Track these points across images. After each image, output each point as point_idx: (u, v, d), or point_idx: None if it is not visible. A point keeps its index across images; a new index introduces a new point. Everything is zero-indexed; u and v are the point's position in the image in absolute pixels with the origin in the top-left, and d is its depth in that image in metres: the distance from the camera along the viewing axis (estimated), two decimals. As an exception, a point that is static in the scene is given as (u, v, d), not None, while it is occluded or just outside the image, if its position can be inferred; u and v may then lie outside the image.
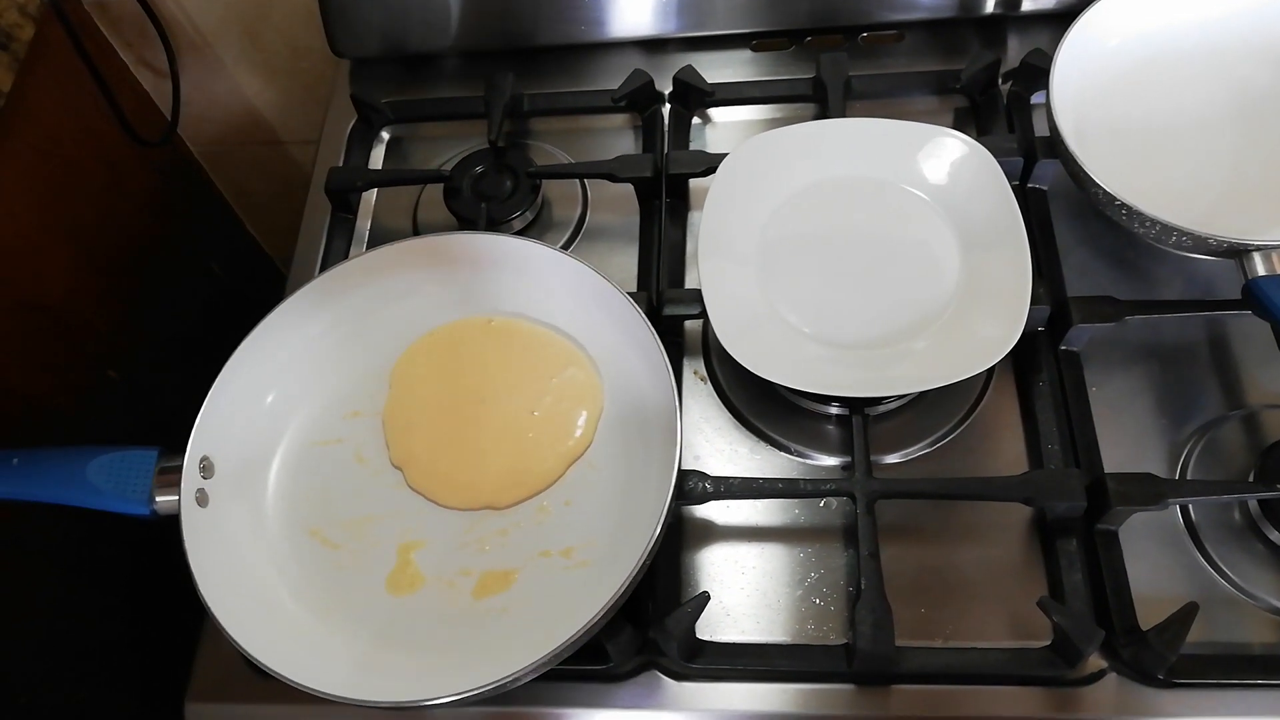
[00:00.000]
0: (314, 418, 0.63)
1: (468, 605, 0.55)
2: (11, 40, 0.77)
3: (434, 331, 0.64)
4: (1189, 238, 0.58)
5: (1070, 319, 0.61)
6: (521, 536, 0.57)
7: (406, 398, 0.63)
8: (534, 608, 0.54)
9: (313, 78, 0.97)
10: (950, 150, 0.65)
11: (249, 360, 0.60)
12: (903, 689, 0.54)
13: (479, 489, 0.59)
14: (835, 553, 0.59)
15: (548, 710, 0.56)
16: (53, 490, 0.54)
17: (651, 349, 0.57)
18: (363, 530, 0.59)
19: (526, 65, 0.80)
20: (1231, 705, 0.52)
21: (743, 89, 0.77)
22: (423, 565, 0.57)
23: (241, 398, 0.60)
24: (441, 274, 0.64)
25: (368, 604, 0.56)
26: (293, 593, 0.56)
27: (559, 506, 0.58)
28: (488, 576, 0.56)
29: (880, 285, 0.64)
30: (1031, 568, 0.57)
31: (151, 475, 0.55)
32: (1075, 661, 0.52)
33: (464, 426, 0.61)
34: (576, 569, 0.55)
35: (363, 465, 0.61)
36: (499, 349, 0.63)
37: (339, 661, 0.53)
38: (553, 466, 0.59)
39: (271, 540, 0.58)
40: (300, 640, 0.54)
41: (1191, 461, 0.59)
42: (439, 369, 0.63)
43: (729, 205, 0.65)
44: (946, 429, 0.62)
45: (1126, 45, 0.68)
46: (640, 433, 0.58)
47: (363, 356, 0.64)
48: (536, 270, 0.63)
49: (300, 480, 0.61)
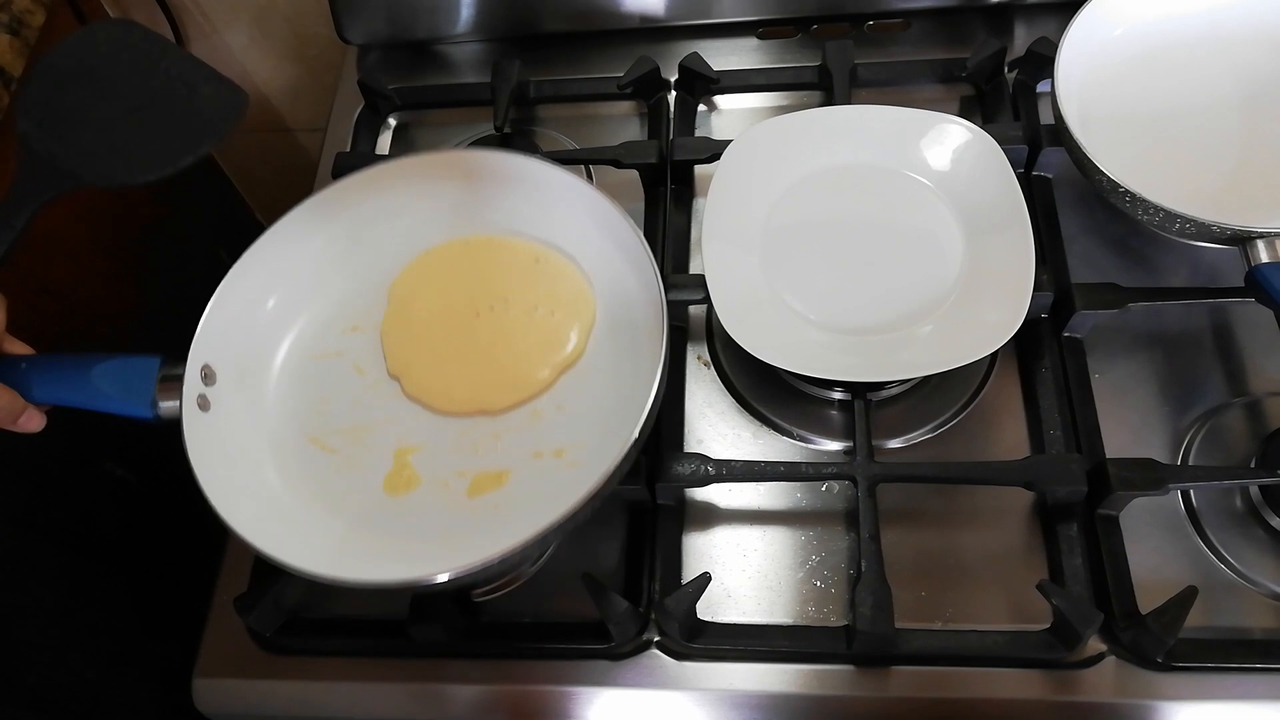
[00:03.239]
0: (313, 332, 0.64)
1: (462, 503, 0.56)
2: (23, 26, 0.78)
3: (431, 249, 0.66)
4: (1192, 224, 0.58)
5: (1073, 305, 0.61)
6: (514, 439, 0.58)
7: (405, 311, 0.64)
8: (526, 504, 0.55)
9: (320, 65, 0.98)
10: (953, 136, 0.66)
11: (250, 270, 0.61)
12: (902, 670, 0.54)
13: (474, 395, 0.60)
14: (837, 536, 0.59)
15: (550, 688, 0.56)
16: (59, 393, 0.54)
17: (640, 257, 0.57)
18: (360, 436, 0.60)
19: (533, 52, 0.80)
20: (1230, 689, 0.52)
21: (748, 76, 0.77)
22: (419, 467, 0.58)
23: (242, 307, 0.61)
24: (440, 190, 0.65)
25: (365, 502, 0.57)
26: (293, 492, 0.58)
27: (551, 410, 0.59)
28: (482, 476, 0.57)
29: (884, 271, 0.64)
30: (1032, 552, 0.57)
31: (154, 381, 0.55)
32: (1074, 644, 0.52)
33: (460, 337, 0.62)
34: (568, 469, 0.56)
35: (361, 376, 0.62)
36: (495, 264, 0.65)
37: (331, 550, 0.55)
38: (546, 374, 0.60)
39: (271, 447, 0.60)
40: (300, 530, 0.55)
41: (1194, 448, 0.59)
42: (437, 284, 0.65)
43: (733, 191, 0.65)
44: (949, 414, 0.62)
45: (1131, 33, 0.68)
46: (630, 340, 0.59)
47: (362, 272, 0.65)
48: (532, 185, 0.63)
49: (300, 391, 0.62)
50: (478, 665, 0.57)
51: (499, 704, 0.57)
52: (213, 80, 0.55)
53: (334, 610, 0.61)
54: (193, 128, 0.53)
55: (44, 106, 0.53)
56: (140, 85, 0.54)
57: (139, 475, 0.86)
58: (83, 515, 0.82)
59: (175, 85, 0.54)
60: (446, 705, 0.58)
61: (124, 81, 0.54)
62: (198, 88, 0.54)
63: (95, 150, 0.52)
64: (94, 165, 0.52)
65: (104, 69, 0.54)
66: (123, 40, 0.55)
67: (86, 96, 0.53)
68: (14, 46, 0.76)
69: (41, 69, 0.53)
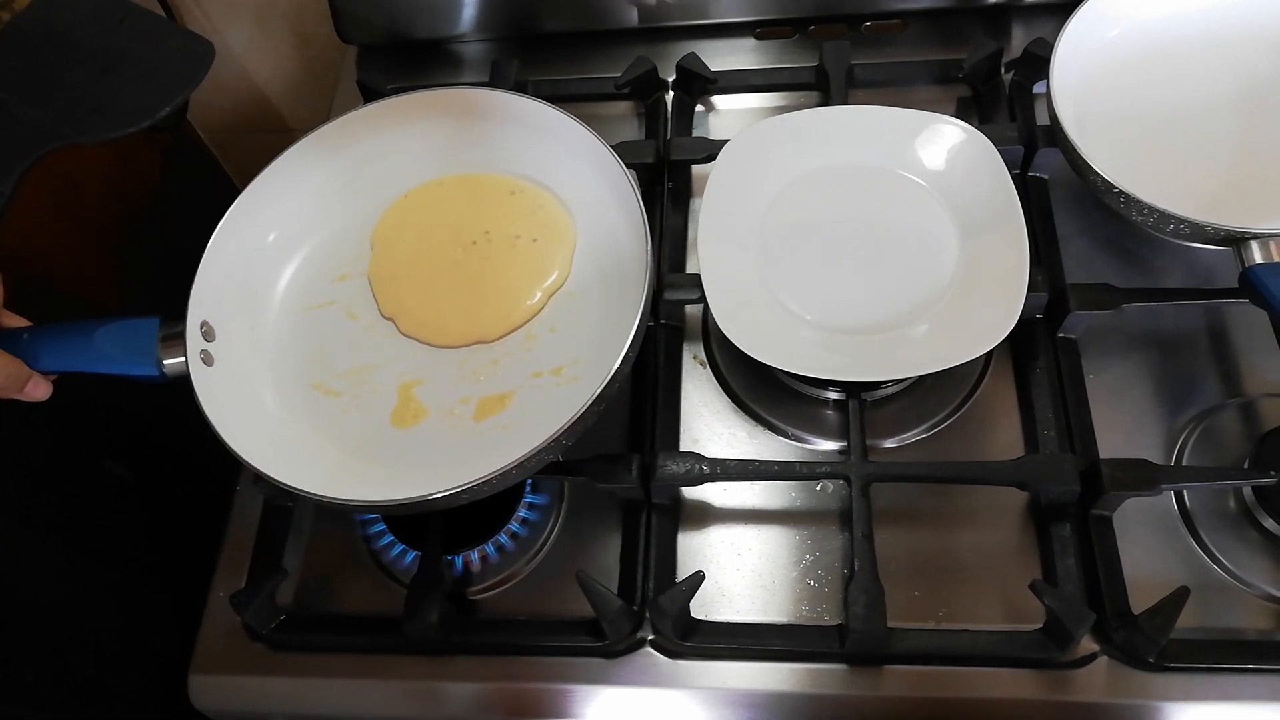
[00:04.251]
0: (304, 284, 0.66)
1: (470, 428, 0.59)
2: (23, 24, 0.78)
3: (407, 194, 0.68)
4: (1187, 225, 0.58)
5: (1068, 306, 0.61)
6: (513, 363, 0.61)
7: (390, 255, 0.66)
8: (532, 421, 0.57)
9: (321, 65, 0.98)
10: (947, 136, 0.66)
11: (243, 216, 0.62)
12: (895, 669, 0.54)
13: (469, 326, 0.62)
14: (831, 535, 0.59)
15: (544, 686, 0.56)
16: (64, 359, 0.54)
17: (620, 180, 0.59)
18: (362, 378, 0.62)
19: (531, 52, 0.81)
20: (1222, 690, 0.52)
21: (746, 77, 0.78)
22: (424, 399, 0.60)
23: (236, 255, 0.62)
24: (420, 130, 0.67)
25: (376, 438, 0.59)
26: (304, 433, 0.60)
27: (545, 333, 0.61)
28: (486, 401, 0.59)
29: (879, 271, 0.64)
30: (1026, 552, 0.57)
31: (156, 340, 0.56)
32: (1066, 644, 0.52)
33: (448, 272, 0.64)
34: (568, 384, 0.59)
35: (355, 321, 0.64)
36: (472, 200, 0.67)
37: (358, 481, 0.57)
38: (536, 298, 0.62)
39: (278, 393, 0.61)
40: (319, 465, 0.57)
41: (1188, 449, 0.59)
42: (417, 225, 0.66)
43: (729, 191, 0.66)
44: (944, 415, 0.62)
45: (1127, 34, 0.68)
46: (616, 262, 0.62)
47: (344, 220, 0.67)
48: (503, 118, 0.66)
49: (297, 341, 0.64)
50: (473, 662, 0.57)
51: (494, 701, 0.57)
52: (177, 34, 0.56)
53: (330, 607, 0.61)
54: (165, 79, 0.55)
55: (15, 72, 0.54)
56: (107, 44, 0.55)
57: (137, 472, 0.86)
58: (80, 512, 0.82)
59: (141, 41, 0.56)
60: (441, 702, 0.58)
61: (91, 42, 0.55)
62: (163, 41, 0.56)
63: (73, 110, 0.53)
64: (74, 124, 0.53)
65: (69, 32, 0.55)
66: (83, 3, 0.56)
67: (56, 60, 0.54)
68: (14, 45, 0.77)
69: (6, 35, 0.55)
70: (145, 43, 0.56)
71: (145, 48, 0.55)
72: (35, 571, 0.78)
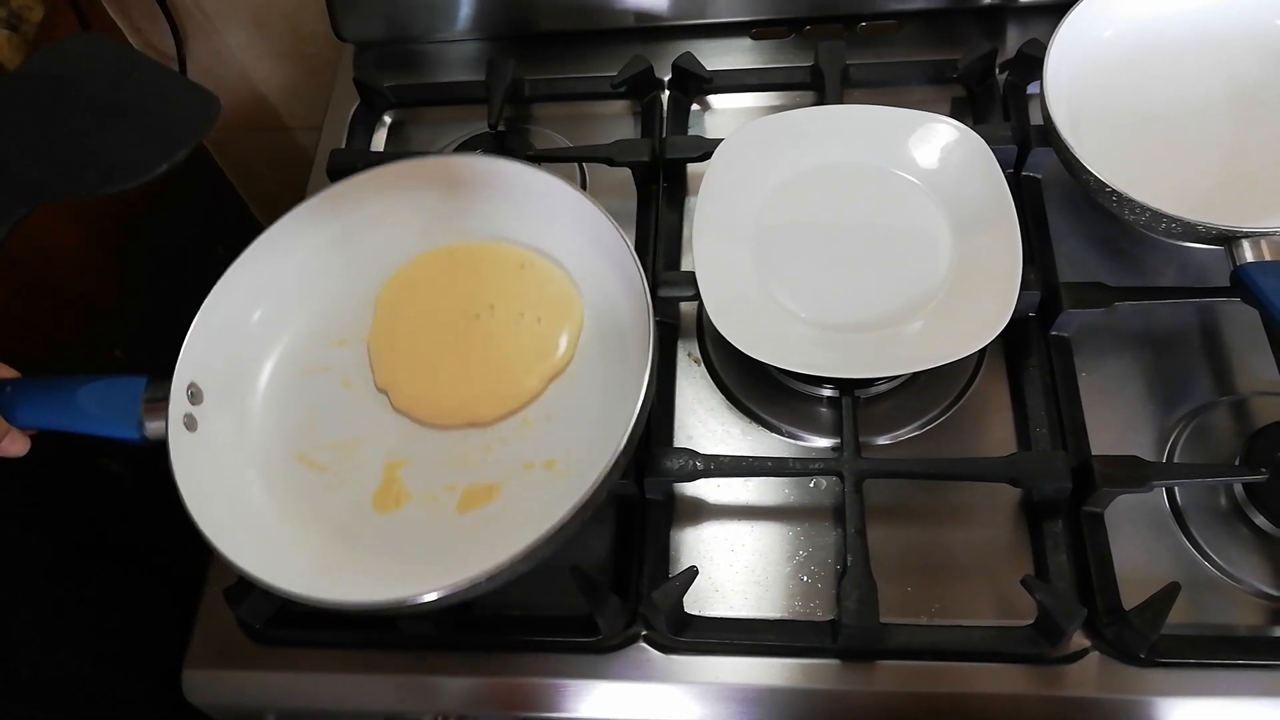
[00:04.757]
0: (300, 347, 0.63)
1: (452, 519, 0.56)
2: (21, 21, 0.78)
3: (416, 258, 0.65)
4: (1178, 224, 0.58)
5: (1061, 304, 0.61)
6: (505, 451, 0.58)
7: (391, 322, 0.64)
8: (518, 518, 0.55)
9: (318, 63, 0.98)
10: (941, 135, 0.66)
11: (235, 285, 0.60)
12: (887, 665, 0.55)
13: (463, 407, 0.60)
14: (824, 531, 0.59)
15: (538, 681, 0.57)
16: (45, 416, 0.54)
17: (626, 261, 0.57)
18: (349, 452, 0.59)
19: (528, 51, 0.81)
20: (1213, 685, 0.53)
21: (741, 76, 0.78)
22: (408, 482, 0.58)
23: (227, 322, 0.60)
24: (423, 198, 0.65)
25: (355, 521, 0.57)
26: (281, 511, 0.57)
27: (541, 420, 0.59)
28: (472, 490, 0.57)
29: (873, 269, 0.64)
30: (1018, 549, 0.58)
31: (140, 402, 0.55)
32: (1058, 639, 0.53)
33: (448, 347, 0.62)
34: (559, 479, 0.56)
35: (349, 390, 0.62)
36: (481, 270, 0.64)
37: (325, 572, 0.54)
38: (535, 383, 0.60)
39: (259, 465, 0.59)
40: (288, 552, 0.55)
41: (1179, 446, 0.60)
42: (423, 292, 0.64)
43: (724, 189, 0.66)
44: (937, 412, 0.62)
45: (1120, 35, 0.68)
46: (618, 346, 0.59)
47: (348, 283, 0.65)
48: (517, 190, 0.63)
49: (287, 408, 0.61)
50: (467, 658, 0.58)
51: (488, 696, 0.58)
52: (184, 87, 0.55)
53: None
54: (166, 134, 0.53)
55: (16, 120, 0.53)
56: (112, 96, 0.54)
57: (133, 471, 0.86)
58: (76, 510, 0.82)
59: (147, 94, 0.54)
60: (436, 697, 0.58)
61: (97, 93, 0.54)
62: (169, 95, 0.55)
63: (70, 161, 0.52)
64: (70, 176, 0.52)
65: (77, 82, 0.54)
66: (92, 53, 0.55)
67: (59, 109, 0.53)
68: (12, 42, 0.77)
69: (12, 83, 0.54)
70: (151, 96, 0.54)
71: (151, 101, 0.54)
72: (30, 569, 0.78)
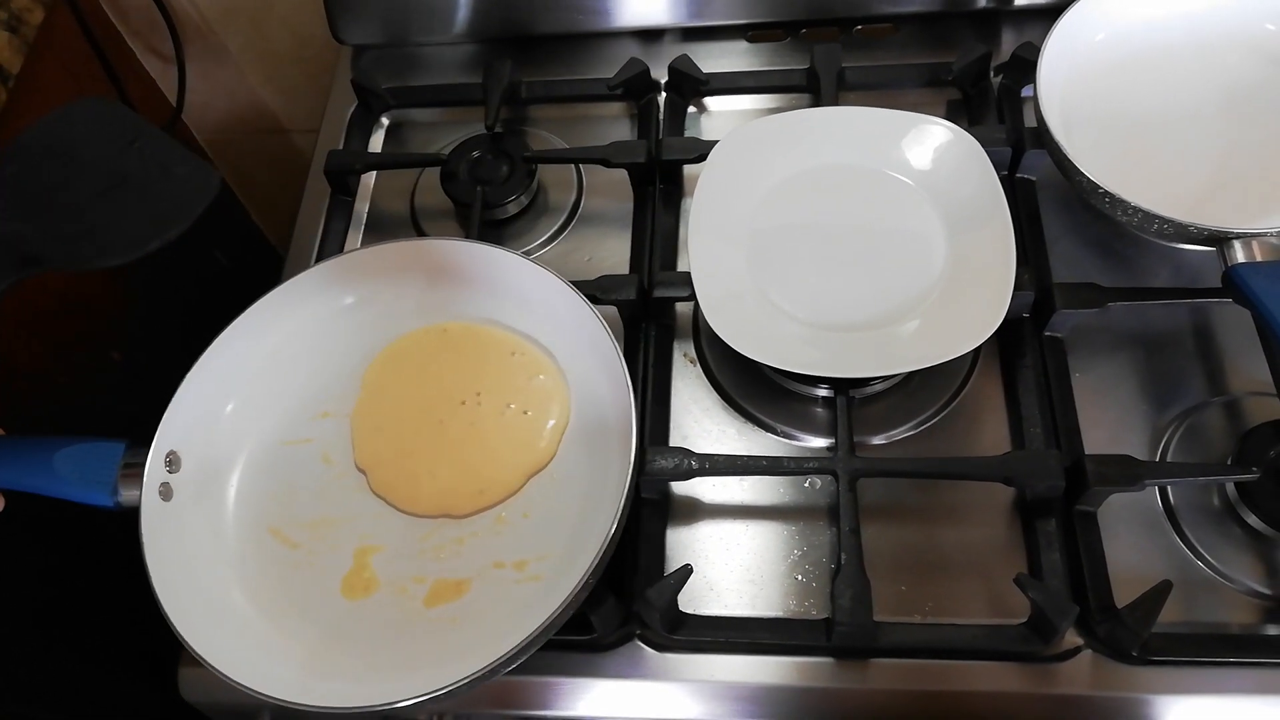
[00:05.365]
0: (285, 417, 0.63)
1: (418, 613, 0.56)
2: (21, 24, 0.79)
3: (407, 335, 0.65)
4: (1171, 225, 0.58)
5: (1054, 305, 0.62)
6: (477, 546, 0.57)
7: (376, 400, 0.63)
8: (483, 620, 0.55)
9: (316, 66, 0.99)
10: (934, 136, 0.67)
11: (221, 358, 0.60)
12: (881, 663, 0.55)
13: (439, 498, 0.59)
14: (819, 530, 0.60)
15: (533, 679, 0.57)
16: (18, 477, 0.53)
17: (611, 359, 0.57)
18: (322, 531, 0.59)
19: (525, 53, 0.81)
20: (1205, 683, 0.53)
21: (737, 79, 0.78)
22: (379, 569, 0.57)
23: (211, 396, 0.60)
24: (416, 279, 0.65)
25: (321, 606, 0.56)
26: (247, 591, 0.57)
27: (517, 518, 0.58)
28: (440, 585, 0.56)
29: (867, 269, 0.65)
30: (1012, 548, 0.58)
31: (117, 467, 0.55)
32: (1050, 637, 0.53)
33: (430, 432, 0.61)
34: (527, 582, 0.56)
35: (329, 466, 0.61)
36: (471, 353, 0.64)
37: (287, 663, 0.54)
38: (514, 479, 0.59)
39: (231, 537, 0.59)
40: (249, 640, 0.54)
41: (1172, 445, 0.60)
42: (411, 373, 0.64)
43: (720, 190, 0.66)
44: (931, 411, 0.63)
45: (1113, 39, 0.69)
46: (602, 446, 0.58)
47: (336, 358, 0.65)
48: (509, 277, 0.63)
49: (267, 478, 0.61)
50: (462, 656, 0.58)
51: (483, 694, 0.57)
52: (185, 161, 0.54)
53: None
54: (162, 210, 0.53)
55: (15, 188, 0.52)
56: (113, 165, 0.53)
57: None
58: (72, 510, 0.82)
59: (149, 166, 0.54)
60: (431, 696, 0.58)
61: (97, 162, 0.53)
62: (171, 168, 0.54)
63: (64, 233, 0.52)
64: (68, 249, 0.51)
65: (78, 149, 0.54)
66: (98, 119, 0.55)
67: (58, 177, 0.53)
68: (12, 44, 0.77)
69: (16, 149, 0.53)
70: (152, 167, 0.54)
71: (151, 172, 0.53)
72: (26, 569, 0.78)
